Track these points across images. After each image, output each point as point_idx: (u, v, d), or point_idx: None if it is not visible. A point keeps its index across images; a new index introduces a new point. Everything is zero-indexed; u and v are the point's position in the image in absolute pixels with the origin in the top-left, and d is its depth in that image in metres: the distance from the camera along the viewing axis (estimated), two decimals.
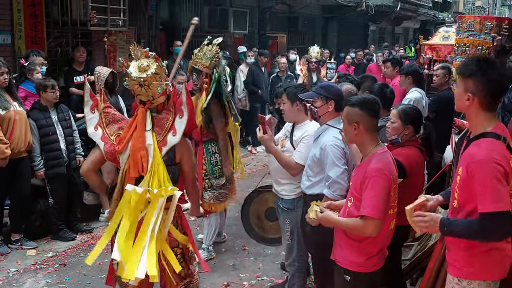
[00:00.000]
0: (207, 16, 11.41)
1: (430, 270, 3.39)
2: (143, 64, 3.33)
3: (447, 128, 6.25)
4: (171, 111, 3.38)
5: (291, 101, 4.05)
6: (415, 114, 3.81)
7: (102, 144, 3.40)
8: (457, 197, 2.64)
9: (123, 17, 8.09)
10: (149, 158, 3.27)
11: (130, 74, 3.31)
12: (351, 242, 3.07)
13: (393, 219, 3.08)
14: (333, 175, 3.50)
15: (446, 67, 6.63)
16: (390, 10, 18.79)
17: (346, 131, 3.12)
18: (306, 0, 13.55)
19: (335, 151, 3.55)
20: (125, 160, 3.31)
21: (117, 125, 3.46)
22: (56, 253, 5.42)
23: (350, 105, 3.08)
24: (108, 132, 3.43)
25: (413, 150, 3.70)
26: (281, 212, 4.23)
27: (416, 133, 3.79)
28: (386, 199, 2.91)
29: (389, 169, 2.97)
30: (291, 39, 15.34)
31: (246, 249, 5.58)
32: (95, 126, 3.46)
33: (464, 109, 2.67)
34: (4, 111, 5.10)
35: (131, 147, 3.28)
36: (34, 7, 7.34)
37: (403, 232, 3.67)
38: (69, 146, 5.71)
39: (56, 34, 7.89)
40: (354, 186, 3.03)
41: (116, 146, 3.33)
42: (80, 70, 7.38)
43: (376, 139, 3.09)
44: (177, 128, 3.32)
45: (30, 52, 6.53)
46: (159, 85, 3.32)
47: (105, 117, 3.47)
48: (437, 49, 11.92)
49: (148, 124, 3.34)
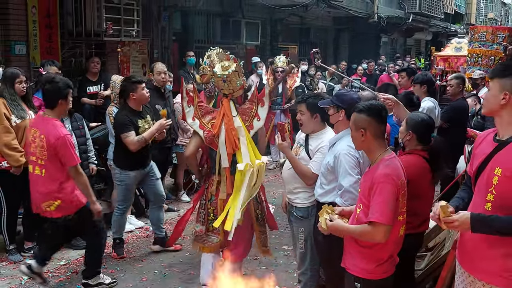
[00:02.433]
0: (219, 27, 11.50)
1: (442, 279, 3.37)
2: (225, 64, 4.18)
3: (460, 138, 6.23)
4: (254, 102, 4.35)
5: (311, 112, 4.03)
6: (419, 122, 3.72)
7: (201, 131, 4.28)
8: (493, 199, 2.64)
9: (136, 28, 8.18)
10: (240, 137, 4.21)
11: (216, 72, 4.18)
12: (360, 249, 3.07)
13: (403, 225, 3.07)
14: (345, 184, 3.49)
15: (460, 77, 6.61)
16: (402, 22, 18.80)
17: (354, 137, 3.14)
18: (318, 12, 13.60)
19: (348, 160, 3.54)
20: (222, 141, 4.19)
21: (210, 116, 4.32)
22: (69, 261, 5.44)
23: (357, 112, 3.09)
24: (204, 121, 4.28)
25: (416, 158, 3.64)
26: (295, 220, 4.22)
27: (421, 142, 3.71)
28: (394, 205, 2.91)
29: (397, 174, 2.97)
30: (302, 50, 15.39)
31: (258, 259, 5.56)
32: (192, 117, 4.31)
33: (497, 110, 2.71)
34: (20, 119, 5.15)
35: (225, 128, 4.19)
36: (49, 18, 7.46)
37: (415, 240, 3.64)
38: (82, 155, 5.74)
39: (71, 45, 8.02)
40: (363, 193, 3.03)
41: (213, 131, 4.21)
42: (93, 80, 7.47)
43: (384, 145, 3.09)
44: (260, 114, 4.33)
45: (45, 62, 6.62)
46: (237, 81, 4.19)
47: (200, 109, 4.32)
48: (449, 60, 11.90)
49: (233, 111, 4.25)
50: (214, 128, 4.22)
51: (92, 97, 7.31)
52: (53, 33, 7.53)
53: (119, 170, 5.43)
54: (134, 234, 6.26)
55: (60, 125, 4.38)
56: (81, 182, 4.40)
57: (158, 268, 5.33)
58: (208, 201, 4.45)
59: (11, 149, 5.06)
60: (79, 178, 4.38)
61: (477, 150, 2.87)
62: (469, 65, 9.22)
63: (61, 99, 4.37)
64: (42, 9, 7.34)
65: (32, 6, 7.20)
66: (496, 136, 2.75)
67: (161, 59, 9.10)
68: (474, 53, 9.07)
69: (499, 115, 2.72)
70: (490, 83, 2.79)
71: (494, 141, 2.75)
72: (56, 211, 4.39)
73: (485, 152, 2.75)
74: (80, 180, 4.38)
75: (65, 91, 4.38)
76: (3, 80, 5.22)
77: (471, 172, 2.84)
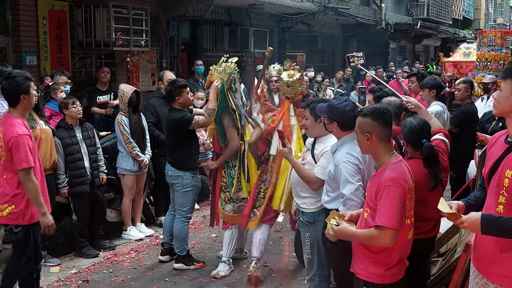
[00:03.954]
0: (227, 36, 11.54)
1: (454, 282, 3.34)
2: (291, 72, 5.00)
3: (470, 143, 6.19)
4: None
5: (315, 116, 4.06)
6: (406, 130, 3.66)
7: (262, 125, 5.07)
8: (504, 201, 2.62)
9: (145, 38, 8.24)
10: (293, 134, 4.87)
11: (282, 78, 4.99)
12: (369, 253, 3.05)
13: (411, 229, 3.05)
14: (346, 192, 3.48)
15: (468, 81, 6.58)
16: (410, 28, 18.76)
17: (359, 141, 3.13)
18: (325, 19, 13.62)
19: (348, 167, 3.52)
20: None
21: (272, 113, 5.12)
22: (79, 270, 5.46)
23: (362, 116, 3.09)
24: (266, 117, 5.09)
25: (416, 163, 3.57)
26: (302, 225, 4.22)
27: (416, 149, 3.65)
28: (401, 209, 2.89)
29: (403, 178, 2.95)
30: (310, 58, 15.40)
31: (268, 266, 5.55)
32: (257, 112, 5.15)
33: (509, 111, 2.69)
34: (31, 129, 5.17)
35: (283, 124, 4.91)
36: (59, 29, 7.54)
37: (427, 244, 3.62)
38: (93, 164, 5.79)
39: (81, 55, 8.09)
40: (370, 196, 3.02)
41: (272, 125, 4.98)
42: (103, 90, 7.52)
43: (390, 148, 3.08)
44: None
45: (55, 72, 6.70)
46: (299, 87, 4.96)
47: (264, 107, 5.14)
48: (459, 66, 11.87)
49: (292, 111, 4.95)
50: (273, 123, 5.00)
51: (102, 107, 7.35)
52: (63, 44, 7.61)
53: (190, 174, 5.29)
54: (145, 242, 6.27)
55: (19, 124, 3.94)
56: (29, 189, 3.91)
57: (168, 276, 5.33)
58: (261, 182, 5.13)
59: None
60: (28, 184, 3.90)
61: (490, 151, 2.85)
62: (478, 70, 9.19)
63: (23, 94, 3.95)
64: (53, 21, 7.42)
65: (43, 17, 7.28)
66: (508, 138, 2.74)
67: (170, 68, 9.15)
68: (483, 58, 9.04)
69: (511, 116, 2.70)
70: (502, 83, 2.76)
71: (505, 143, 2.73)
72: (6, 218, 4.01)
73: (497, 154, 2.73)
74: (29, 186, 3.90)
75: (25, 85, 3.95)
76: None
77: (484, 174, 2.83)
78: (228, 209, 5.22)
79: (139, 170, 6.23)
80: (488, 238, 2.65)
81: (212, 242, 6.31)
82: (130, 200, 6.29)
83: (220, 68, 5.13)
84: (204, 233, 6.54)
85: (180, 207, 5.36)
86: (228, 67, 5.14)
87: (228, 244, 5.30)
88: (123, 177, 6.22)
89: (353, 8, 14.22)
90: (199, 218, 7.08)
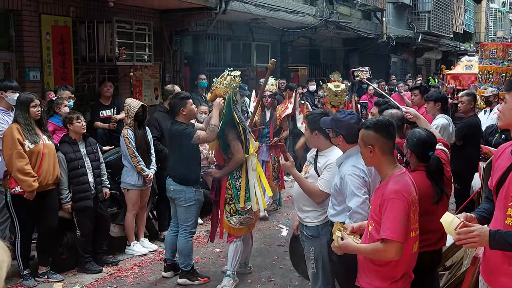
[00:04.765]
0: (230, 50, 11.60)
1: None
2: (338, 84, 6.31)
3: (474, 155, 6.17)
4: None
5: (310, 129, 4.08)
6: (415, 141, 3.59)
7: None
8: None
9: (148, 53, 8.27)
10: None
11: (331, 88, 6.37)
12: (374, 267, 3.03)
13: (416, 241, 3.02)
14: (352, 205, 3.45)
15: (471, 93, 6.57)
16: (411, 42, 18.83)
17: (363, 154, 3.13)
18: (327, 33, 13.68)
19: (354, 180, 3.50)
20: None
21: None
22: (83, 286, 5.42)
23: (365, 128, 3.09)
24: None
25: (419, 175, 3.52)
26: (305, 239, 4.19)
27: (421, 160, 3.60)
28: (405, 221, 2.87)
29: (407, 190, 2.94)
30: (312, 72, 15.44)
31: (272, 280, 5.51)
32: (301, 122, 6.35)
33: None
34: (33, 144, 5.19)
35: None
36: (63, 44, 7.58)
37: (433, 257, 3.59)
38: (96, 179, 5.78)
39: (84, 70, 8.12)
40: (374, 209, 3.00)
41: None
42: (106, 104, 7.54)
43: (394, 161, 3.07)
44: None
45: (58, 87, 6.72)
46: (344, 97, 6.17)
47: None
48: (460, 78, 11.89)
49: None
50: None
51: (105, 121, 7.36)
52: (66, 59, 7.64)
53: (193, 188, 5.27)
54: (148, 257, 6.23)
55: None
56: None
57: None
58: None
59: (24, 174, 5.09)
60: None
61: (496, 163, 2.83)
62: (480, 82, 9.19)
63: None
64: (56, 36, 7.46)
65: (46, 33, 7.33)
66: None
67: (173, 83, 9.17)
68: (485, 70, 9.05)
69: None
70: (506, 96, 2.75)
71: (511, 155, 2.72)
72: None
73: (503, 166, 2.71)
74: None
75: None
76: (18, 105, 5.28)
77: (491, 186, 2.80)
78: (234, 221, 5.18)
79: (144, 185, 6.21)
80: (497, 251, 2.62)
81: (216, 257, 6.27)
82: (133, 215, 6.27)
83: (226, 82, 5.14)
84: (208, 248, 6.50)
85: (184, 222, 5.32)
86: (233, 80, 5.15)
87: (233, 258, 5.27)
88: (127, 192, 6.20)
89: (354, 22, 14.29)
90: (202, 232, 7.04)
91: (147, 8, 8.96)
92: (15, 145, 5.08)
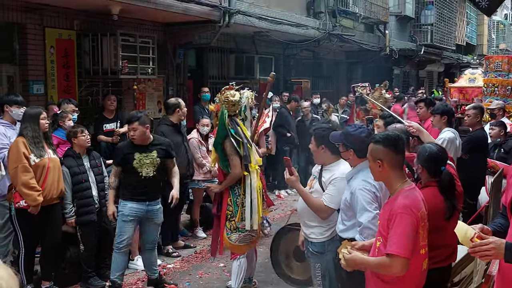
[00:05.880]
0: (233, 63, 11.62)
1: None
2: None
3: (481, 169, 6.11)
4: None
5: (317, 143, 4.02)
6: (426, 156, 3.53)
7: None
8: None
9: (152, 66, 8.27)
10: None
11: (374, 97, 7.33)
12: (381, 283, 2.99)
13: (425, 258, 2.97)
14: (363, 220, 3.40)
15: (478, 107, 6.53)
16: (414, 54, 18.86)
17: (372, 168, 3.10)
18: (330, 46, 13.70)
19: (365, 195, 3.46)
20: None
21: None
22: None
23: (374, 143, 3.06)
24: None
25: (431, 191, 3.46)
26: (311, 256, 4.12)
27: (433, 176, 3.53)
28: (413, 237, 2.83)
29: (416, 206, 2.89)
30: (315, 84, 15.45)
31: None
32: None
33: None
34: (39, 158, 5.15)
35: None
36: (67, 58, 7.58)
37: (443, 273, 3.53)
38: (100, 193, 5.73)
39: (88, 83, 8.11)
40: (382, 224, 2.96)
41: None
42: (110, 117, 7.51)
43: (403, 176, 3.03)
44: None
45: (62, 100, 6.70)
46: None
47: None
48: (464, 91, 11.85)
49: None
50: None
51: (109, 135, 7.33)
52: (70, 72, 7.64)
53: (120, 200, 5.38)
54: None
55: None
56: None
57: None
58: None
59: (29, 188, 5.05)
60: None
61: (511, 179, 2.79)
62: (485, 95, 9.16)
63: None
64: (60, 49, 7.47)
65: (50, 46, 7.33)
66: None
67: (176, 96, 9.16)
68: (491, 83, 9.02)
69: None
70: None
71: None
72: None
73: None
74: None
75: None
76: (28, 118, 5.23)
77: (506, 202, 2.75)
78: (234, 238, 5.11)
79: None
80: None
81: (220, 272, 6.20)
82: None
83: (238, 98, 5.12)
84: (211, 263, 6.43)
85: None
86: (246, 97, 5.21)
87: (237, 275, 5.20)
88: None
89: (357, 35, 14.32)
90: (206, 247, 6.97)
91: (151, 22, 8.98)
92: (20, 159, 5.04)
